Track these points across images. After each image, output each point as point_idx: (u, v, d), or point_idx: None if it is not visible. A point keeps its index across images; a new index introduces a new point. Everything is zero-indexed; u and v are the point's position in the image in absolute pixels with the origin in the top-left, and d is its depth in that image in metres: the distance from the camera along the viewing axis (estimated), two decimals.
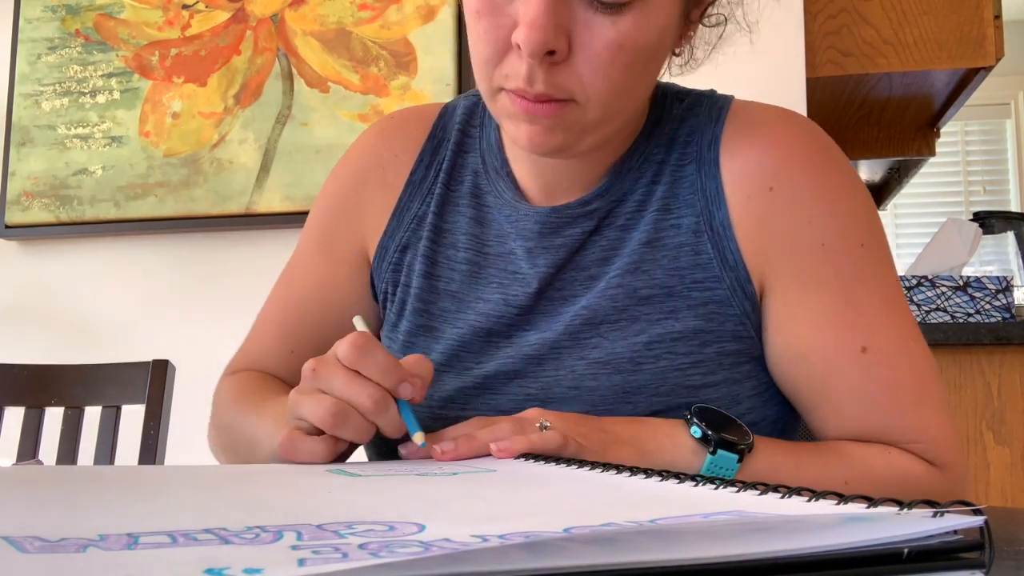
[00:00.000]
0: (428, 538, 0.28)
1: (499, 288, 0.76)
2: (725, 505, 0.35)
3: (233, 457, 0.80)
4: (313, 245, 0.85)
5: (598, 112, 0.65)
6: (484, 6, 0.64)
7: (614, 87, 0.64)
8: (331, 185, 0.86)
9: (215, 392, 0.87)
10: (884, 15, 1.86)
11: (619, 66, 0.63)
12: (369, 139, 0.86)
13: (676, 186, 0.73)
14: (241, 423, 0.77)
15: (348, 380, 0.58)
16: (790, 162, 0.71)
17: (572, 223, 0.74)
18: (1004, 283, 1.72)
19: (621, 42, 0.62)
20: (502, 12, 0.63)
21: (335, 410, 0.57)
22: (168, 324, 2.03)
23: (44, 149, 2.12)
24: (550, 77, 0.63)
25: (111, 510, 0.35)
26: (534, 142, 0.66)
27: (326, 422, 0.57)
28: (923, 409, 0.69)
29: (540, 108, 0.64)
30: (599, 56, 0.62)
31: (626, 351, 0.70)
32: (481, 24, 0.65)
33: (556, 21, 0.61)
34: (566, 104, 0.64)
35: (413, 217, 0.81)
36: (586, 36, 0.62)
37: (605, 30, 0.62)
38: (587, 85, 0.63)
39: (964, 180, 4.02)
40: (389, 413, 0.58)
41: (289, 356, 0.85)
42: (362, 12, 2.03)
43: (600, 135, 0.68)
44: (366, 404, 0.57)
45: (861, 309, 0.69)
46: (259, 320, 0.89)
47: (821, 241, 0.69)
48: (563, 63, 0.63)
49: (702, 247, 0.71)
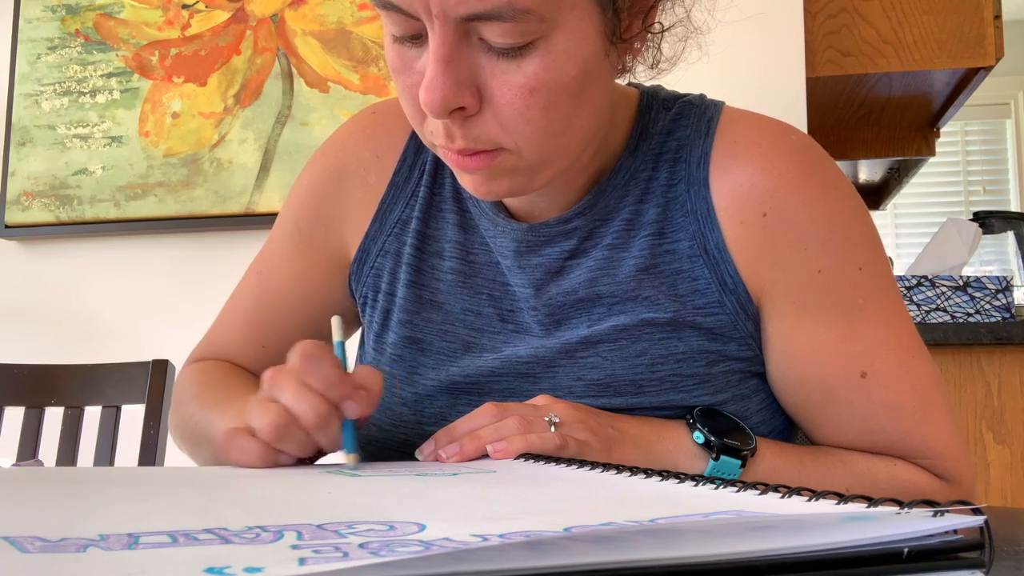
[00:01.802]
0: (429, 537, 0.28)
1: (490, 301, 0.74)
2: (725, 504, 0.35)
3: (195, 450, 0.78)
4: (289, 239, 0.83)
5: (535, 154, 0.62)
6: (398, 65, 0.61)
7: (541, 130, 0.60)
8: (308, 179, 0.83)
9: (177, 381, 0.85)
10: (884, 15, 1.86)
11: (537, 109, 0.59)
12: (349, 136, 0.82)
13: (669, 208, 0.70)
14: (205, 418, 0.75)
15: (296, 392, 0.56)
16: (783, 185, 0.68)
17: (550, 241, 0.72)
18: (1004, 283, 1.72)
19: (531, 86, 0.58)
20: (413, 70, 0.61)
21: (278, 423, 0.55)
22: (168, 324, 2.03)
23: (44, 149, 2.12)
24: (468, 131, 0.60)
25: (111, 510, 0.35)
26: (480, 191, 0.64)
27: (268, 434, 0.55)
28: (927, 427, 0.68)
29: (469, 161, 0.61)
30: (512, 104, 0.58)
31: (627, 373, 0.69)
32: (399, 83, 0.62)
33: (455, 77, 0.57)
34: (496, 152, 0.61)
35: (396, 221, 0.78)
36: (494, 85, 0.58)
37: (511, 76, 0.58)
38: (511, 132, 0.60)
39: (964, 180, 4.02)
40: (330, 429, 0.56)
41: (260, 351, 0.83)
42: (362, 12, 2.03)
43: (553, 171, 0.64)
44: (310, 418, 0.55)
45: (860, 334, 0.68)
46: (228, 309, 0.86)
47: (818, 267, 0.67)
48: (478, 115, 0.59)
49: (698, 272, 0.69)
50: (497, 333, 0.73)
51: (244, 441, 0.56)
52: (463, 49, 0.58)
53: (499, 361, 0.72)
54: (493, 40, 0.57)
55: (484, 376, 0.72)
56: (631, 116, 0.73)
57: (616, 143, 0.72)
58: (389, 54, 0.62)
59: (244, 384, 0.79)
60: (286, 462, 0.57)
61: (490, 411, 0.61)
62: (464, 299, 0.75)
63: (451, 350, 0.74)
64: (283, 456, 0.57)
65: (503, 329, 0.73)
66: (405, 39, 0.60)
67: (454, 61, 0.57)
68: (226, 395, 0.75)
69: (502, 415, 0.61)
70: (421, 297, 0.76)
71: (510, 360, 0.72)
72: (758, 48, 1.79)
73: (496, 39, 0.57)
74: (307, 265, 0.82)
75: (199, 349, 0.87)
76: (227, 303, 0.87)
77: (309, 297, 0.82)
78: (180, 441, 0.81)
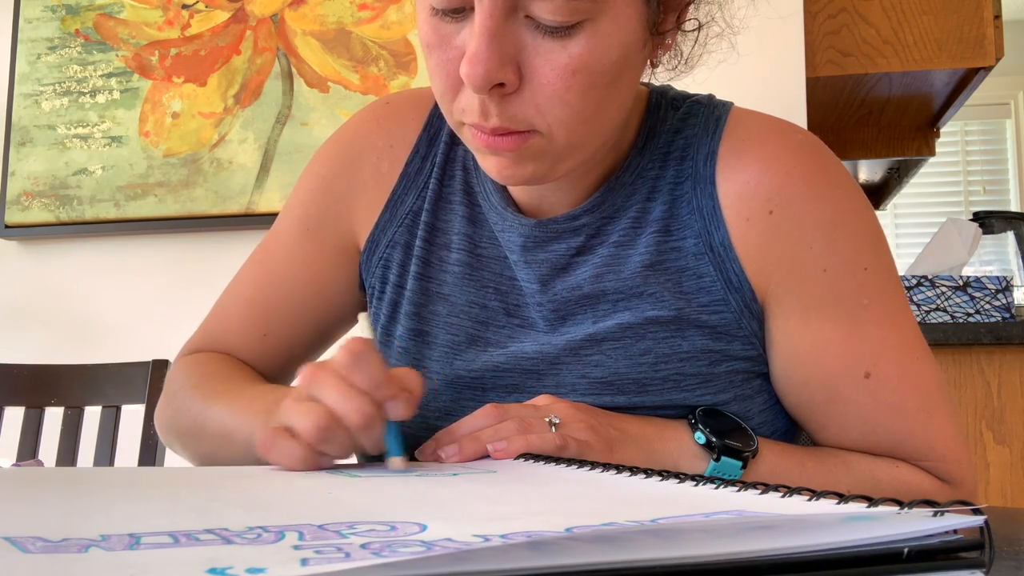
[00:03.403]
0: (430, 538, 0.28)
1: (496, 294, 0.74)
2: (726, 504, 0.35)
3: (193, 444, 0.76)
4: (297, 224, 0.81)
5: (565, 139, 0.62)
6: (433, 39, 0.61)
7: (576, 113, 0.60)
8: (319, 167, 0.82)
9: (169, 374, 0.83)
10: (884, 15, 1.86)
11: (576, 92, 0.59)
12: (363, 124, 0.81)
13: (675, 205, 0.70)
14: (206, 411, 0.73)
15: (341, 391, 0.54)
16: (789, 184, 0.68)
17: (557, 238, 0.71)
18: (1004, 283, 1.72)
19: (574, 67, 0.58)
20: (451, 45, 0.60)
21: (323, 424, 0.53)
22: (168, 324, 2.03)
23: (44, 149, 2.12)
24: (504, 109, 0.60)
25: (113, 510, 0.35)
26: (503, 175, 0.64)
27: (311, 435, 0.53)
28: (930, 429, 0.68)
29: (501, 141, 0.61)
30: (552, 84, 0.59)
31: (631, 371, 0.69)
32: (433, 58, 0.62)
33: (500, 52, 0.57)
34: (528, 135, 0.61)
35: (407, 212, 0.78)
36: (537, 63, 0.59)
37: (555, 56, 0.58)
38: (546, 114, 0.60)
39: (964, 180, 4.02)
40: (375, 430, 0.54)
41: (262, 339, 0.81)
42: (362, 12, 2.03)
43: (576, 160, 0.65)
44: (355, 419, 0.53)
45: (864, 334, 0.68)
46: (225, 298, 0.85)
47: (823, 267, 0.67)
48: (516, 93, 0.59)
49: (704, 269, 0.69)
50: (502, 327, 0.73)
51: (285, 442, 0.53)
52: (509, 24, 0.58)
53: (504, 356, 0.72)
54: (542, 17, 0.57)
55: (489, 371, 0.72)
56: (640, 114, 0.73)
57: (626, 141, 0.72)
58: (424, 28, 0.62)
59: (247, 376, 0.78)
60: (326, 464, 0.55)
61: (491, 412, 0.61)
62: (470, 291, 0.74)
63: (456, 343, 0.74)
64: (325, 459, 0.54)
65: (508, 323, 0.73)
66: (446, 12, 0.60)
67: (500, 35, 0.57)
68: (229, 387, 0.74)
69: (503, 416, 0.61)
70: (428, 289, 0.76)
71: (515, 356, 0.72)
72: (758, 48, 1.79)
73: (546, 16, 0.57)
74: (315, 251, 0.81)
75: (193, 341, 0.85)
76: (223, 294, 0.85)
77: (315, 284, 0.81)
78: (173, 435, 0.79)
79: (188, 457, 0.78)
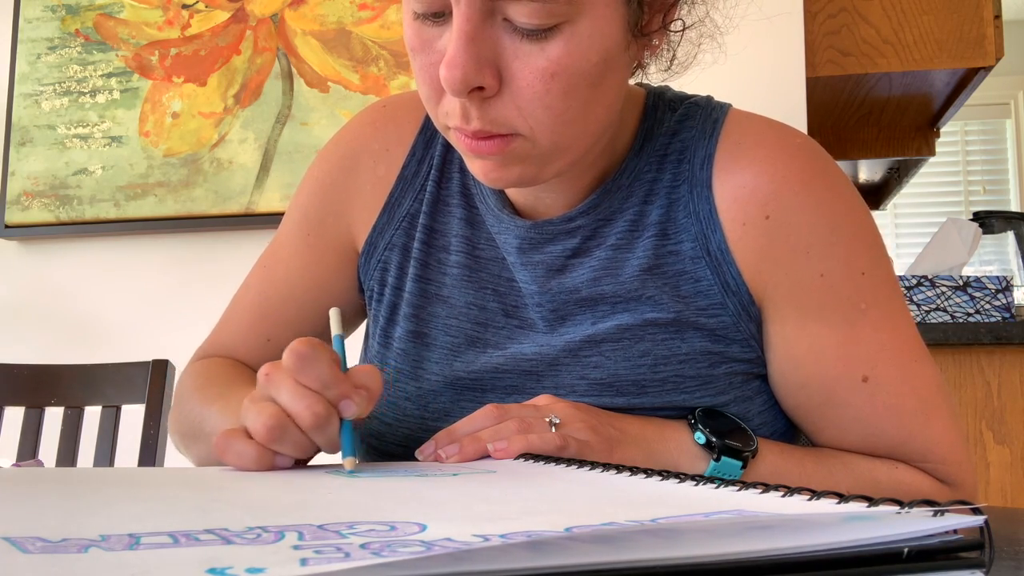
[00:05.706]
0: (430, 538, 0.28)
1: (495, 296, 0.74)
2: (726, 504, 0.35)
3: (193, 446, 0.77)
4: (297, 229, 0.82)
5: (549, 142, 0.61)
6: (417, 43, 0.61)
7: (557, 116, 0.60)
8: (318, 171, 0.82)
9: (179, 380, 0.84)
10: (884, 15, 1.86)
11: (556, 94, 0.59)
12: (360, 128, 0.82)
13: (672, 209, 0.70)
14: (202, 414, 0.74)
15: (293, 391, 0.53)
16: (785, 189, 0.67)
17: (552, 239, 0.71)
18: (1004, 283, 1.72)
19: (552, 70, 0.58)
20: (433, 49, 0.60)
21: (272, 423, 0.52)
22: (168, 324, 2.03)
23: (44, 149, 2.12)
24: (485, 112, 0.59)
25: (112, 510, 0.35)
26: (490, 177, 0.63)
27: (261, 435, 0.53)
28: (929, 431, 0.68)
29: (483, 145, 0.61)
30: (532, 87, 0.58)
31: (630, 373, 0.69)
32: (417, 62, 0.62)
33: (477, 55, 0.57)
34: (511, 138, 0.61)
35: (404, 214, 0.78)
36: (516, 67, 0.58)
37: (534, 59, 0.58)
38: (527, 117, 0.60)
39: (964, 180, 4.02)
40: (328, 429, 0.54)
41: (265, 344, 0.82)
42: (362, 12, 2.03)
43: (564, 162, 0.64)
44: (306, 419, 0.53)
45: (862, 338, 0.68)
46: (233, 305, 0.86)
47: (820, 271, 0.67)
48: (497, 97, 0.59)
49: (701, 273, 0.69)
50: (501, 328, 0.73)
51: (239, 443, 0.53)
52: (487, 28, 0.58)
53: (503, 358, 0.72)
54: (519, 20, 0.57)
55: (488, 372, 0.72)
56: (637, 116, 0.73)
57: (622, 143, 0.72)
58: (408, 32, 0.62)
59: (246, 379, 0.78)
60: (284, 464, 0.54)
61: (491, 412, 0.61)
62: (469, 293, 0.74)
63: (455, 344, 0.74)
64: (281, 458, 0.54)
65: (507, 324, 0.73)
66: (427, 16, 0.60)
67: (478, 39, 0.57)
68: (223, 391, 0.74)
69: (503, 416, 0.61)
70: (427, 291, 0.76)
71: (514, 357, 0.72)
72: (758, 48, 1.79)
73: (522, 19, 0.57)
74: (314, 255, 0.81)
75: (203, 347, 0.87)
76: (233, 299, 0.86)
77: (315, 288, 0.81)
78: (178, 438, 0.80)
79: (191, 459, 0.80)
